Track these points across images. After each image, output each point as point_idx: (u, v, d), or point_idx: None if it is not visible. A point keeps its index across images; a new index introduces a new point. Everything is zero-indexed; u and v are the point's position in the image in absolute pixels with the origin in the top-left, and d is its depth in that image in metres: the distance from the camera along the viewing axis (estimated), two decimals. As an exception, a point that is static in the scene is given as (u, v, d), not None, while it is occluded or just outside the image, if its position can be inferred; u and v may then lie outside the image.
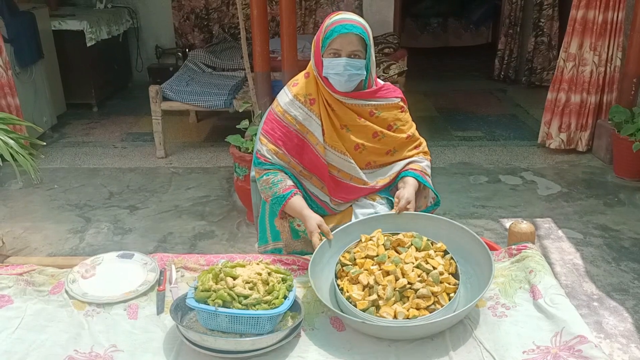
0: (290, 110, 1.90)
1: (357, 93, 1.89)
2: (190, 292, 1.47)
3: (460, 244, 1.70)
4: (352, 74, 1.81)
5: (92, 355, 1.41)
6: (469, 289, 1.60)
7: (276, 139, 1.90)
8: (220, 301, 1.40)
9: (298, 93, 1.90)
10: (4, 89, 4.15)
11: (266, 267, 1.54)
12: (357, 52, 1.81)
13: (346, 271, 1.58)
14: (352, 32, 1.79)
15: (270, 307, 1.41)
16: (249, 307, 1.40)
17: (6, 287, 1.65)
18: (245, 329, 1.40)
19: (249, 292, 1.43)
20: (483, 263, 1.60)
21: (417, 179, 1.96)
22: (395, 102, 1.99)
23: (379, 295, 1.49)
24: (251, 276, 1.48)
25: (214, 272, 1.49)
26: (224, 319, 1.39)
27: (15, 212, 3.70)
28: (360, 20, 1.83)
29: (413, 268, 1.53)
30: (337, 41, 1.79)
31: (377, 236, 1.66)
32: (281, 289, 1.47)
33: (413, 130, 2.06)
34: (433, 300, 1.49)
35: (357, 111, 1.92)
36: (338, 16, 1.83)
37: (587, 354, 1.35)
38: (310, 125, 1.90)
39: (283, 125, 1.90)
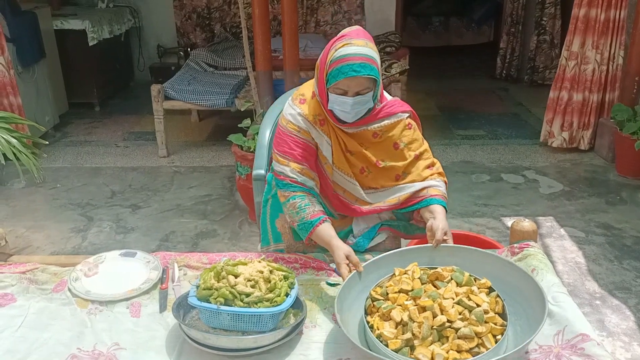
0: (305, 127, 1.80)
1: (357, 122, 1.78)
2: (192, 290, 1.47)
3: (508, 280, 1.50)
4: (359, 110, 1.73)
5: (95, 353, 1.42)
6: (518, 332, 1.40)
7: (296, 156, 1.79)
8: (222, 299, 1.40)
9: (307, 113, 1.80)
10: (6, 88, 4.16)
11: (268, 265, 1.54)
12: (365, 89, 1.68)
13: (377, 306, 1.42)
14: (362, 74, 1.63)
15: (272, 304, 1.41)
16: (250, 305, 1.40)
17: (9, 286, 1.65)
18: (247, 327, 1.40)
19: (251, 290, 1.43)
20: (535, 303, 1.40)
21: (444, 207, 1.81)
22: (400, 118, 1.85)
23: (413, 334, 1.32)
24: (253, 274, 1.48)
25: (216, 270, 1.49)
26: (226, 317, 1.39)
27: (17, 211, 3.71)
28: (369, 54, 1.65)
29: (453, 304, 1.36)
30: (344, 82, 1.65)
31: (412, 269, 1.50)
32: (283, 287, 1.47)
33: (423, 149, 1.90)
34: (477, 342, 1.30)
35: (361, 137, 1.82)
36: (345, 49, 1.64)
37: (589, 352, 1.34)
38: (322, 144, 1.82)
39: (300, 140, 1.79)
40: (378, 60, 1.69)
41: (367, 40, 1.69)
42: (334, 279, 1.72)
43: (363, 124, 1.80)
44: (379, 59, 1.71)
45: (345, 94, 1.68)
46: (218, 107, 4.56)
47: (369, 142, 1.83)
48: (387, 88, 4.48)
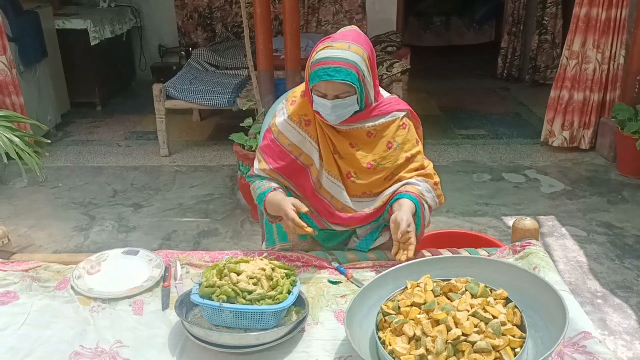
0: (283, 131, 1.82)
1: (350, 119, 1.77)
2: (195, 287, 1.47)
3: (526, 290, 1.44)
4: (341, 113, 1.72)
5: (97, 350, 1.42)
6: (538, 344, 1.34)
7: (268, 158, 1.84)
8: (224, 297, 1.41)
9: (293, 113, 1.82)
10: (8, 87, 4.17)
11: (270, 262, 1.55)
12: (344, 93, 1.67)
13: (389, 321, 1.37)
14: (335, 79, 1.63)
15: (274, 302, 1.42)
16: (253, 303, 1.41)
17: (12, 283, 1.66)
18: (249, 324, 1.40)
19: (253, 287, 1.43)
20: (555, 313, 1.34)
21: (413, 203, 1.75)
22: (395, 117, 1.82)
23: (427, 348, 1.26)
24: (255, 272, 1.48)
25: (218, 268, 1.50)
26: (228, 314, 1.40)
27: (19, 210, 3.72)
28: (347, 58, 1.64)
29: (468, 317, 1.30)
30: (321, 85, 1.67)
31: (425, 282, 1.45)
32: (285, 284, 1.47)
33: (415, 151, 1.85)
34: (494, 355, 1.24)
35: (354, 135, 1.80)
36: (324, 52, 1.65)
37: (591, 349, 1.35)
38: (303, 146, 1.82)
39: (277, 145, 1.83)
40: (361, 65, 1.66)
41: (351, 43, 1.67)
42: (336, 277, 1.72)
43: (356, 120, 1.78)
44: (366, 62, 1.68)
45: (324, 97, 1.68)
46: (220, 107, 4.57)
47: (362, 141, 1.81)
48: (388, 87, 4.48)
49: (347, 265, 1.79)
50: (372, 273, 1.74)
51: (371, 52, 1.73)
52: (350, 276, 1.72)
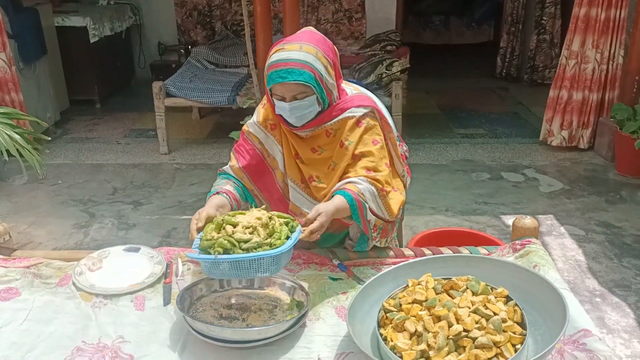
0: (253, 132, 1.84)
1: (310, 123, 1.73)
2: (196, 243, 1.47)
3: (526, 288, 1.45)
4: (301, 115, 1.69)
5: (99, 346, 1.42)
6: (538, 341, 1.35)
7: (239, 156, 1.85)
8: (220, 249, 1.39)
9: (262, 117, 1.83)
10: (7, 84, 4.17)
11: (268, 212, 1.54)
12: (300, 94, 1.65)
13: (390, 318, 1.37)
14: (288, 81, 1.61)
15: (271, 248, 1.40)
16: (250, 251, 1.39)
17: (14, 280, 1.66)
18: (248, 274, 1.39)
19: (249, 236, 1.41)
20: (555, 311, 1.35)
21: (346, 200, 1.63)
22: (352, 113, 1.74)
23: (428, 344, 1.27)
24: (251, 221, 1.46)
25: (217, 222, 1.48)
26: (226, 265, 1.38)
27: (19, 207, 3.72)
28: (299, 59, 1.61)
29: (469, 313, 1.31)
30: (277, 88, 1.65)
31: (426, 280, 1.45)
32: (283, 231, 1.45)
33: (366, 149, 1.73)
34: (495, 351, 1.25)
35: (315, 139, 1.77)
36: (276, 55, 1.64)
37: (591, 347, 1.35)
38: (271, 149, 1.83)
39: (248, 143, 1.85)
40: (315, 64, 1.63)
41: (303, 44, 1.64)
42: (337, 274, 1.73)
43: (315, 125, 1.74)
44: (322, 60, 1.65)
45: (283, 100, 1.67)
46: (220, 105, 4.57)
47: (323, 142, 1.77)
48: (388, 86, 4.49)
49: (347, 262, 1.79)
50: (372, 270, 1.75)
51: (330, 50, 1.70)
52: (351, 273, 1.73)
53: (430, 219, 3.48)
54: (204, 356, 1.38)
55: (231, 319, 1.47)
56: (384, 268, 1.70)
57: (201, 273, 1.72)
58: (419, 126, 4.99)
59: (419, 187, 3.76)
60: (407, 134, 4.58)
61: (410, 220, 3.36)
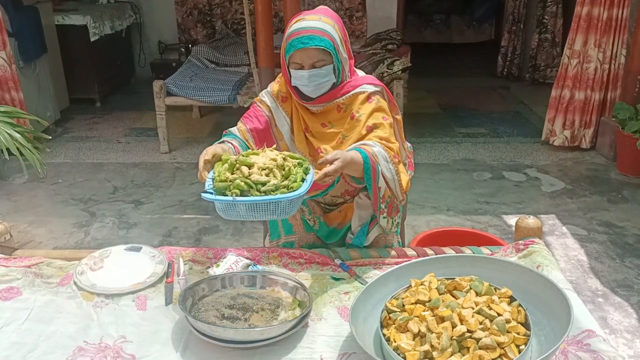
0: (266, 100, 1.91)
1: (322, 98, 1.79)
2: (208, 184, 1.45)
3: (529, 289, 1.45)
4: (318, 84, 1.74)
5: (101, 346, 1.42)
6: (542, 342, 1.35)
7: (247, 120, 1.90)
8: (237, 191, 1.39)
9: (274, 89, 1.91)
10: (7, 83, 4.16)
11: (280, 153, 1.54)
12: (319, 62, 1.72)
13: (393, 318, 1.37)
14: (309, 46, 1.68)
15: (288, 191, 1.40)
16: (267, 194, 1.39)
17: (15, 279, 1.65)
18: (265, 215, 1.39)
19: (266, 178, 1.41)
20: (559, 312, 1.34)
21: (361, 156, 1.65)
22: (364, 89, 1.81)
23: (432, 345, 1.26)
24: (266, 163, 1.46)
25: (230, 162, 1.47)
26: (242, 207, 1.38)
27: (19, 206, 3.71)
28: (320, 27, 1.70)
29: (473, 314, 1.31)
30: (296, 55, 1.71)
31: (429, 280, 1.45)
32: (298, 173, 1.46)
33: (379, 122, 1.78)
34: (499, 352, 1.25)
35: (326, 113, 1.83)
36: (296, 25, 1.73)
37: (595, 347, 1.35)
38: (279, 119, 1.89)
39: (258, 110, 1.91)
40: (333, 33, 1.72)
41: (321, 15, 1.73)
42: (339, 274, 1.72)
43: (327, 99, 1.80)
44: (339, 33, 1.74)
45: (302, 68, 1.72)
46: (220, 104, 4.56)
47: (334, 117, 1.84)
48: (389, 85, 4.48)
49: (350, 262, 1.79)
50: (375, 270, 1.74)
51: (342, 29, 1.78)
52: (353, 273, 1.72)
53: (432, 219, 3.47)
54: (206, 356, 1.38)
55: (233, 319, 1.46)
56: (387, 268, 1.70)
57: (202, 273, 1.72)
58: (420, 125, 4.98)
59: (420, 187, 3.75)
60: (408, 133, 4.51)
61: (412, 219, 3.35)
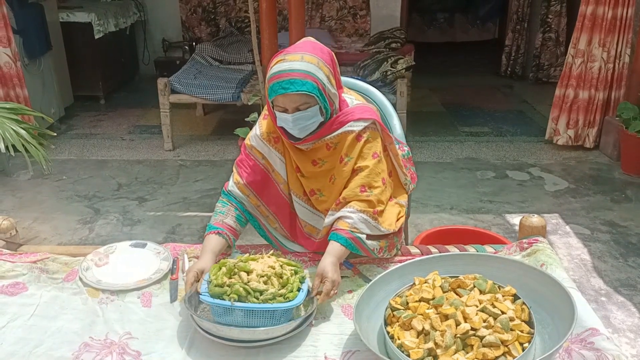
0: (256, 146, 1.81)
1: (310, 137, 1.70)
2: (204, 287, 1.47)
3: (533, 287, 1.45)
4: (304, 126, 1.65)
5: (107, 342, 1.43)
6: (546, 340, 1.35)
7: (242, 172, 1.82)
8: (235, 296, 1.40)
9: (264, 130, 1.80)
10: (12, 80, 4.17)
11: (277, 260, 1.55)
12: (303, 105, 1.61)
13: (397, 316, 1.37)
14: (290, 91, 1.57)
15: (285, 300, 1.42)
16: (265, 302, 1.40)
17: (20, 275, 1.66)
18: (260, 323, 1.40)
19: (265, 286, 1.43)
20: (563, 310, 1.34)
21: (343, 246, 1.63)
22: (352, 127, 1.71)
23: (436, 342, 1.26)
24: (265, 270, 1.48)
25: (228, 267, 1.49)
26: (239, 313, 1.39)
27: (24, 202, 3.72)
28: (302, 69, 1.58)
29: (477, 312, 1.31)
30: (279, 99, 1.61)
31: (433, 278, 1.45)
32: (295, 282, 1.48)
33: (364, 164, 1.70)
34: (503, 350, 1.25)
35: (316, 151, 1.74)
36: (277, 66, 1.61)
37: (599, 346, 1.35)
38: (275, 163, 1.80)
39: (251, 158, 1.81)
40: (317, 73, 1.60)
41: (304, 54, 1.61)
42: (343, 272, 1.72)
43: (316, 138, 1.71)
44: (324, 70, 1.62)
45: (285, 111, 1.63)
46: (224, 101, 4.57)
47: (324, 155, 1.74)
48: (393, 83, 4.48)
49: (353, 260, 1.79)
50: (379, 268, 1.74)
51: (330, 59, 1.67)
52: (357, 271, 1.73)
53: (435, 217, 3.47)
54: (211, 353, 1.39)
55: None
56: (390, 266, 1.70)
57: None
58: (423, 124, 4.98)
59: (423, 185, 3.75)
60: (411, 131, 4.57)
61: (415, 218, 3.35)
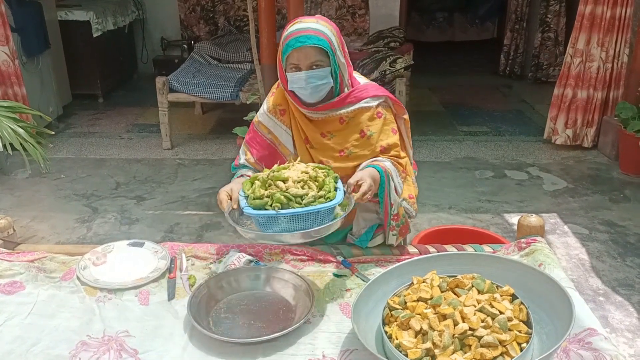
0: (263, 121, 1.87)
1: (324, 105, 1.76)
2: (243, 202, 1.50)
3: (531, 287, 1.45)
4: (316, 86, 1.70)
5: (104, 340, 1.42)
6: (544, 340, 1.34)
7: (252, 148, 1.88)
8: (278, 204, 1.44)
9: (270, 104, 1.86)
10: (10, 78, 4.16)
11: (307, 165, 1.60)
12: (317, 62, 1.68)
13: (395, 316, 1.37)
14: (307, 44, 1.65)
15: (325, 201, 1.47)
16: (307, 205, 1.45)
17: (18, 274, 1.66)
18: (306, 225, 1.44)
19: (304, 191, 1.47)
20: (561, 310, 1.34)
21: (377, 171, 1.70)
22: (369, 105, 1.78)
23: (434, 342, 1.26)
24: (299, 176, 1.52)
25: (262, 179, 1.52)
26: (283, 220, 1.44)
27: (22, 201, 3.72)
28: (317, 28, 1.68)
29: (475, 312, 1.31)
30: (293, 55, 1.68)
31: (431, 277, 1.45)
32: (330, 183, 1.53)
33: (392, 142, 1.81)
34: (501, 350, 1.24)
35: (326, 123, 1.79)
36: (293, 27, 1.70)
37: (597, 346, 1.35)
38: (281, 135, 1.85)
39: (258, 135, 1.88)
40: (331, 37, 1.69)
41: (318, 20, 1.72)
42: (341, 271, 1.73)
43: (329, 108, 1.76)
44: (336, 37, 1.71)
45: (299, 69, 1.69)
46: (223, 100, 4.57)
47: (334, 128, 1.80)
48: (391, 83, 4.48)
49: (352, 259, 1.79)
50: (377, 268, 1.75)
51: (340, 37, 1.75)
52: (355, 270, 1.73)
53: (434, 217, 3.47)
54: (208, 352, 1.38)
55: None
56: (389, 265, 1.70)
57: (205, 268, 1.72)
58: (422, 123, 4.98)
59: (422, 185, 3.70)
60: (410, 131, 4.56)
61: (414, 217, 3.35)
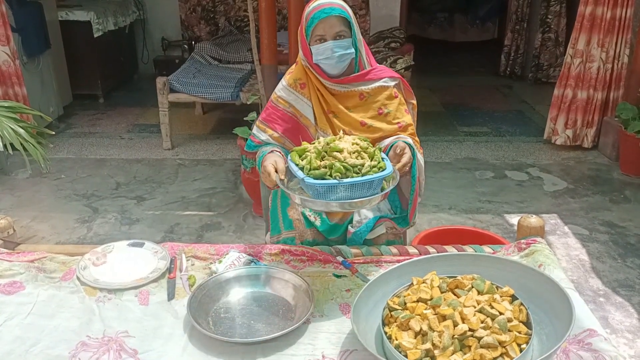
0: (283, 95, 1.94)
1: (346, 78, 1.88)
2: (300, 173, 1.56)
3: (531, 287, 1.45)
4: (341, 55, 1.81)
5: (104, 340, 1.42)
6: (544, 341, 1.34)
7: (273, 124, 1.93)
8: (339, 174, 1.51)
9: (289, 79, 1.95)
10: (11, 78, 4.16)
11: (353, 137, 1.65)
12: (341, 32, 1.81)
13: (395, 316, 1.37)
14: (332, 14, 1.79)
15: (378, 170, 1.55)
16: (364, 175, 1.52)
17: (17, 274, 1.66)
18: (361, 194, 1.52)
19: (360, 161, 1.54)
20: (561, 311, 1.34)
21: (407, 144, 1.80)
22: (387, 84, 1.92)
23: (434, 343, 1.26)
24: (351, 147, 1.58)
25: (317, 150, 1.58)
26: (341, 189, 1.50)
27: (22, 201, 3.72)
28: (337, 2, 1.83)
29: (475, 313, 1.31)
30: (319, 27, 1.80)
31: (431, 278, 1.45)
32: (378, 153, 1.60)
33: (407, 122, 1.94)
34: (501, 351, 1.25)
35: (347, 97, 1.90)
36: (315, 3, 1.83)
37: (596, 347, 1.35)
38: (302, 108, 1.93)
39: (279, 109, 1.94)
40: (350, 12, 1.84)
41: None
42: (341, 271, 1.73)
43: (352, 81, 1.87)
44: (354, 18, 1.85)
45: (324, 40, 1.79)
46: (223, 101, 4.57)
47: (354, 103, 1.90)
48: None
49: (351, 259, 1.79)
50: (376, 268, 1.74)
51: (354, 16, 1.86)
52: (355, 270, 1.73)
53: (434, 217, 3.47)
54: (208, 352, 1.38)
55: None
56: (389, 266, 1.70)
57: (204, 269, 1.72)
58: (422, 124, 4.91)
59: (422, 185, 3.75)
60: (410, 131, 4.56)
61: (414, 218, 3.35)
